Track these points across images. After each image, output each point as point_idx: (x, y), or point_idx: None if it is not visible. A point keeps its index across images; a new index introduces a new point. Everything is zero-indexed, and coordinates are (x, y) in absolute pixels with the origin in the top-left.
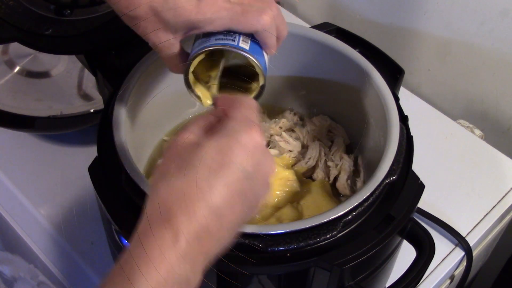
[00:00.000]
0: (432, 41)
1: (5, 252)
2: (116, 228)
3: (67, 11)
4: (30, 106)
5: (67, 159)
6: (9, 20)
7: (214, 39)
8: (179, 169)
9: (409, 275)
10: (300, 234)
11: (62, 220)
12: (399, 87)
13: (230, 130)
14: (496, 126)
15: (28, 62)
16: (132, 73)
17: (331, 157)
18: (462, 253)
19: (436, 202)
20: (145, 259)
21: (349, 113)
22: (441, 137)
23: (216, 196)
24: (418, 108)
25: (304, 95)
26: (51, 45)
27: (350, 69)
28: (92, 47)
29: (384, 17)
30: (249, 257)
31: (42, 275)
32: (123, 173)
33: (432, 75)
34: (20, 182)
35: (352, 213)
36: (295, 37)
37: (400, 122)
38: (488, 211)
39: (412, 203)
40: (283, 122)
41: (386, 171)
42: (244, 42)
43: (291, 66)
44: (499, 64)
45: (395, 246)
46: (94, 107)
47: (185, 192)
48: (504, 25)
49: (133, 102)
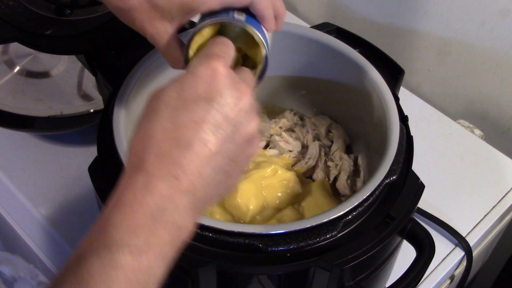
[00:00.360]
0: (432, 41)
1: (5, 252)
2: None
3: (67, 11)
4: (30, 106)
5: (67, 159)
6: (9, 20)
7: (208, 18)
8: (148, 118)
9: (409, 275)
10: (300, 234)
11: (62, 220)
12: (399, 87)
13: (190, 67)
14: (496, 126)
15: (28, 62)
16: (132, 73)
17: (331, 157)
18: (462, 253)
19: (436, 202)
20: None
21: (349, 113)
22: (441, 137)
23: (183, 133)
24: (418, 108)
25: (304, 95)
26: (51, 45)
27: (350, 69)
28: (92, 47)
29: (384, 17)
30: (249, 257)
31: (42, 275)
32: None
33: (432, 75)
34: (20, 182)
35: (352, 213)
36: (295, 37)
37: (400, 122)
38: (488, 211)
39: (412, 203)
40: (283, 122)
41: (386, 171)
42: (239, 15)
43: (291, 66)
44: (499, 64)
45: (395, 246)
46: (94, 107)
47: (153, 137)
48: (504, 25)
49: (133, 102)
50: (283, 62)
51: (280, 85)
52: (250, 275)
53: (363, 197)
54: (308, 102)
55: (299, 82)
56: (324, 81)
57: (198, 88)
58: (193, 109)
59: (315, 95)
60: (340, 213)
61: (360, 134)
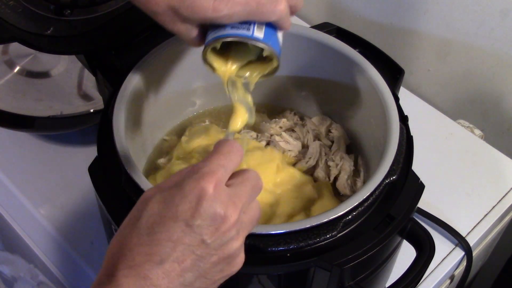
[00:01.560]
0: (432, 41)
1: (5, 252)
2: (116, 228)
3: (67, 11)
4: (30, 106)
5: (67, 159)
6: (9, 20)
7: (230, 27)
8: (131, 224)
9: (409, 275)
10: (300, 234)
11: (62, 220)
12: (399, 87)
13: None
14: (496, 126)
15: (28, 62)
16: (132, 73)
17: (331, 157)
18: (462, 253)
19: (436, 202)
20: None
21: (349, 113)
22: (441, 137)
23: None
24: (418, 108)
25: (304, 95)
26: (51, 45)
27: (350, 69)
28: (92, 47)
29: (384, 17)
30: (249, 257)
31: (42, 275)
32: (123, 173)
33: (432, 75)
34: (20, 182)
35: (352, 213)
36: (295, 37)
37: (400, 122)
38: (488, 211)
39: (412, 203)
40: (283, 122)
41: (386, 171)
42: (259, 29)
43: (291, 66)
44: (499, 64)
45: (395, 246)
46: (94, 107)
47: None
48: (504, 25)
49: (133, 102)
50: (283, 62)
51: (280, 85)
52: (250, 275)
53: (363, 197)
54: (308, 102)
55: (299, 82)
56: (324, 81)
57: (180, 208)
58: (170, 228)
59: (315, 95)
60: (340, 213)
61: (360, 134)
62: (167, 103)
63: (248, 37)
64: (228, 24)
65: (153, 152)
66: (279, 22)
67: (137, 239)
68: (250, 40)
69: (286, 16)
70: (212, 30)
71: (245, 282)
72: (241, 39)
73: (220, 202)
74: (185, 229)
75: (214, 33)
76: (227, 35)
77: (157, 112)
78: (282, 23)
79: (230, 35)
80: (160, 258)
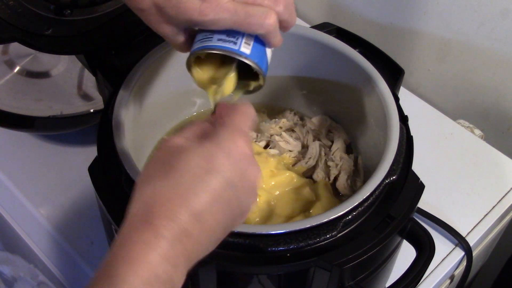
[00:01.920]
0: (432, 41)
1: (5, 252)
2: (116, 228)
3: (67, 11)
4: (30, 106)
5: (67, 159)
6: (9, 20)
7: (216, 38)
8: (164, 173)
9: (409, 275)
10: (300, 234)
11: (62, 220)
12: (399, 87)
13: (218, 138)
14: (496, 126)
15: (28, 62)
16: (132, 73)
17: (331, 157)
18: (462, 253)
19: (436, 202)
20: (127, 260)
21: (349, 113)
22: (441, 137)
23: (197, 202)
24: (418, 108)
25: (304, 95)
26: (51, 45)
27: (350, 69)
28: (92, 47)
29: (384, 17)
30: (249, 257)
31: (42, 275)
32: (123, 173)
33: (432, 75)
34: (20, 182)
35: (352, 213)
36: (295, 37)
37: (400, 122)
38: (488, 211)
39: (412, 203)
40: (283, 122)
41: (386, 171)
42: (246, 44)
43: (291, 66)
44: (499, 64)
45: (395, 246)
46: (94, 107)
47: (167, 196)
48: (504, 25)
49: (133, 102)
50: (283, 62)
51: (280, 85)
52: (250, 275)
53: (363, 197)
54: (308, 102)
55: (299, 82)
56: (324, 81)
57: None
58: (211, 182)
59: (315, 95)
60: (340, 213)
61: (360, 134)
62: (167, 103)
63: (233, 51)
64: (215, 34)
65: (153, 152)
66: (267, 37)
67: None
68: (235, 54)
69: (274, 31)
70: (198, 39)
71: (245, 282)
72: (226, 52)
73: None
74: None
75: (200, 43)
76: (212, 47)
77: (157, 112)
78: (270, 37)
79: (216, 47)
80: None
